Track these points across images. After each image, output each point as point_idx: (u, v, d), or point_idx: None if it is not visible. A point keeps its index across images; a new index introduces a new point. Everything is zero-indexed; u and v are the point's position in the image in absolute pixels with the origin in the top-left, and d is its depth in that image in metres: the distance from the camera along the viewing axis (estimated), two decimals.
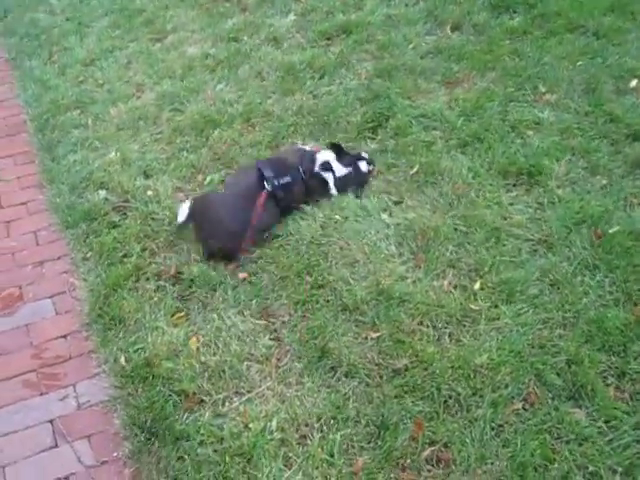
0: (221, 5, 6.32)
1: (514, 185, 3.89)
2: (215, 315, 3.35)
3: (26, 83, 5.63)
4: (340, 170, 3.95)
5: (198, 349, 3.21)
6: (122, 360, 3.23)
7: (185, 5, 6.44)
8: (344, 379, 3.01)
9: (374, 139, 4.37)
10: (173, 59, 5.62)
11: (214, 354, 3.18)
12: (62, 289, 3.72)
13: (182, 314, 3.42)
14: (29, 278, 3.82)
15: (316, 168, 3.91)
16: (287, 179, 3.78)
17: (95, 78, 5.55)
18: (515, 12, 5.44)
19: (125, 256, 3.78)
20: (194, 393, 3.03)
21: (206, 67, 5.42)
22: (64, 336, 3.46)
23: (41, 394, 3.20)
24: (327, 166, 3.93)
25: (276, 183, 3.74)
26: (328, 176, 3.93)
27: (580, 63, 4.77)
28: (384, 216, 3.76)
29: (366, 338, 3.15)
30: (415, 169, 4.04)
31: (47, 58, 5.97)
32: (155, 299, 3.50)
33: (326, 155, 3.98)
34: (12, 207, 4.35)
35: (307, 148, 4.07)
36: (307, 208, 3.87)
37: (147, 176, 4.34)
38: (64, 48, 6.05)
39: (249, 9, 6.18)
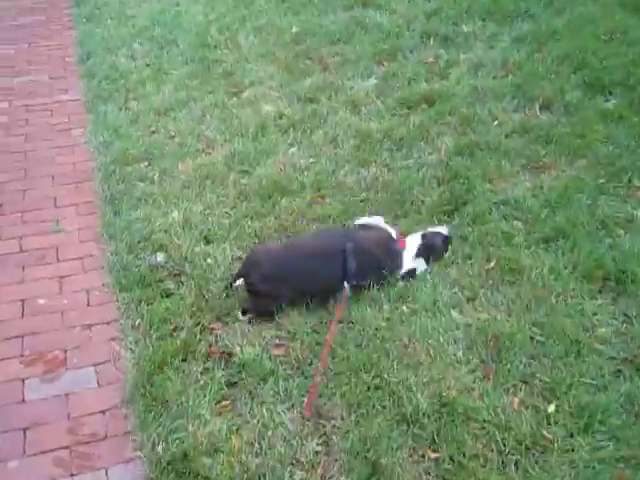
0: (302, 62, 6.23)
1: (599, 292, 3.57)
2: (263, 409, 3.10)
3: (98, 128, 5.56)
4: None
5: (240, 447, 2.95)
6: (159, 448, 2.98)
7: (265, 60, 6.36)
8: None
9: (449, 224, 4.10)
10: (247, 115, 5.50)
11: (257, 455, 2.92)
12: (107, 358, 3.53)
13: (228, 402, 3.18)
14: (75, 341, 3.65)
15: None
16: (365, 282, 3.63)
17: (167, 129, 5.47)
18: (611, 93, 5.14)
19: (175, 329, 3.57)
20: None
21: (279, 128, 5.29)
22: (103, 412, 3.26)
23: (71, 475, 2.99)
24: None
25: (355, 283, 3.59)
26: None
27: None
28: (454, 314, 3.48)
29: (423, 457, 2.85)
30: (492, 263, 3.76)
31: (122, 103, 5.93)
32: (201, 382, 3.26)
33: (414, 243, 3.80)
34: (68, 261, 4.21)
35: (391, 231, 3.85)
36: (375, 294, 3.63)
37: (208, 242, 4.16)
38: (140, 95, 6.02)
39: (330, 68, 6.06)
